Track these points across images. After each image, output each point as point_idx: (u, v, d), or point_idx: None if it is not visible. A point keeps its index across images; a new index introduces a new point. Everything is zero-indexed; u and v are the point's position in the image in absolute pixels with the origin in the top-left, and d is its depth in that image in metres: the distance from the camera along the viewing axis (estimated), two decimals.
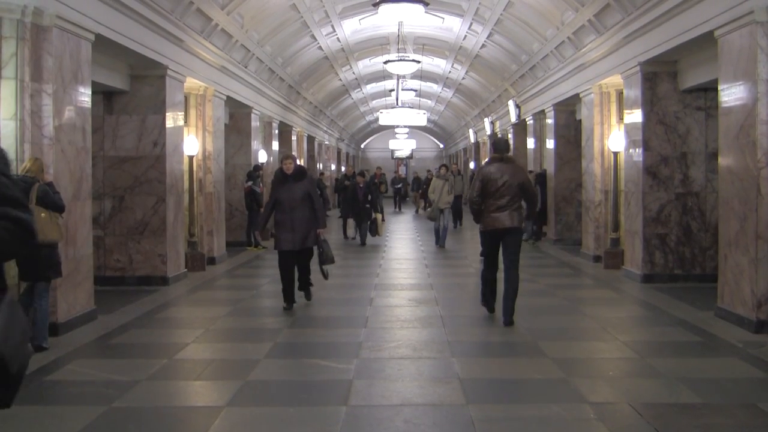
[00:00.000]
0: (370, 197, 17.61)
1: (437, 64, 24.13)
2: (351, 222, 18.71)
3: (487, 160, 8.87)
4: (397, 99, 27.09)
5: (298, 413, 5.41)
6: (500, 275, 8.46)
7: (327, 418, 5.27)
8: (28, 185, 6.98)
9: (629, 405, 5.48)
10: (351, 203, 18.03)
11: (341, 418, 5.27)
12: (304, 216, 9.19)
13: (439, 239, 17.00)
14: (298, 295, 9.68)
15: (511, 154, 8.83)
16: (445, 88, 29.47)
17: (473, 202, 8.36)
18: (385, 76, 25.04)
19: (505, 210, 8.15)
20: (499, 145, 8.55)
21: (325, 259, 9.48)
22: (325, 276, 9.81)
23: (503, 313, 8.29)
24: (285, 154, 10.20)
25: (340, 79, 25.66)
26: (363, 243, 17.64)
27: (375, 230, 17.59)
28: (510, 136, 23.58)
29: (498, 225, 8.18)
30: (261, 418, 5.37)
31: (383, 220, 18.19)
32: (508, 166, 8.33)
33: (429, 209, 17.13)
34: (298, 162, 9.28)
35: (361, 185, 17.85)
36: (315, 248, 9.49)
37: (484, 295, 8.83)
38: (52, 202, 7.15)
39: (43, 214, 7.03)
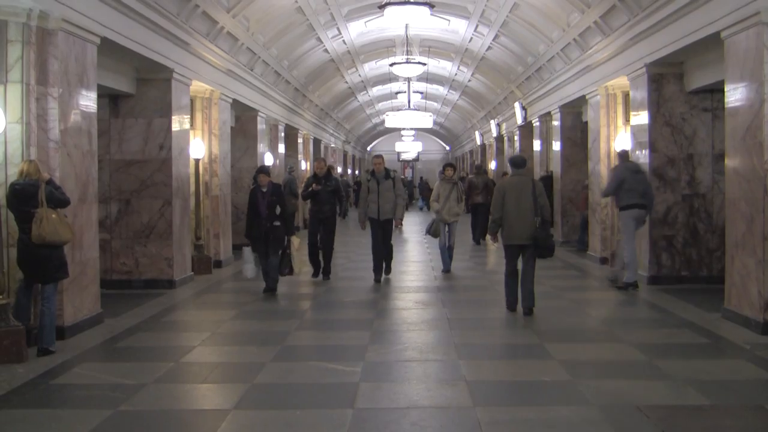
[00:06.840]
0: (278, 210, 10.89)
1: (443, 67, 24.14)
2: (249, 252, 11.23)
3: (470, 175, 19.71)
4: (409, 102, 27.10)
5: (304, 416, 5.41)
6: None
7: (334, 421, 5.27)
8: (35, 188, 7.00)
9: (636, 407, 5.47)
10: (250, 220, 11.02)
11: (348, 420, 5.27)
12: None
13: (445, 262, 13.12)
14: None
15: (484, 169, 20.81)
16: (451, 91, 29.47)
17: (465, 194, 15.00)
18: (391, 78, 25.05)
19: (480, 196, 17.96)
20: (479, 167, 19.96)
21: None
22: None
23: (477, 238, 18.43)
24: None
25: (346, 82, 25.68)
26: (272, 288, 10.84)
27: (287, 263, 10.93)
28: (516, 138, 23.72)
29: (477, 201, 18.11)
30: (268, 421, 5.37)
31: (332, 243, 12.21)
32: (481, 176, 18.65)
33: (432, 223, 13.04)
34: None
35: (264, 189, 10.94)
36: None
37: (474, 236, 18.55)
38: (58, 200, 7.18)
39: (53, 215, 7.04)
